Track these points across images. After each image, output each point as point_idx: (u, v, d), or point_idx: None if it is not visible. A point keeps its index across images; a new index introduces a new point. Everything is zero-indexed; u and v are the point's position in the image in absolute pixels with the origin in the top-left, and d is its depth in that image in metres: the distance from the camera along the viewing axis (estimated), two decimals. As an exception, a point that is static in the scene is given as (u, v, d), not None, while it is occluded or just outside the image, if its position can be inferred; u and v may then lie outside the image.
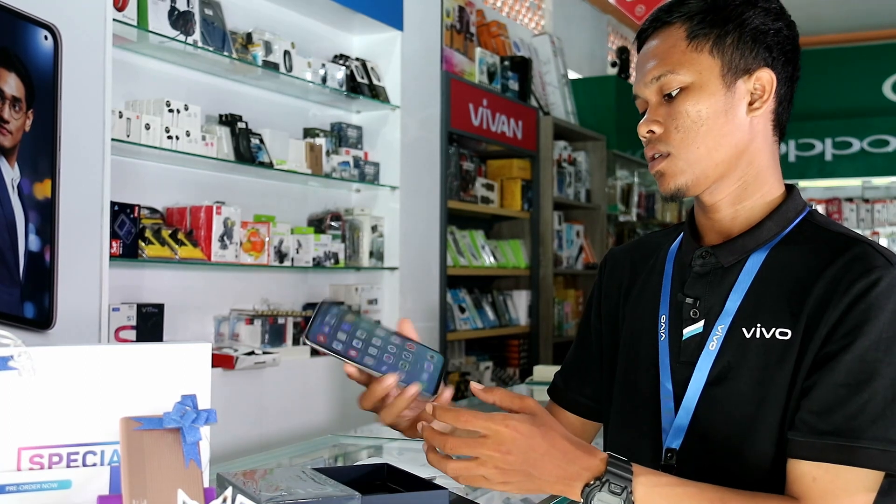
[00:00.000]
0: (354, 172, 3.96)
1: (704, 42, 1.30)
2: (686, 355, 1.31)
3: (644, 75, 1.33)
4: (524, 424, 1.12)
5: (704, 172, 1.29)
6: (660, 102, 1.31)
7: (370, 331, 1.29)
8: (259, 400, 3.32)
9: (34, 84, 2.55)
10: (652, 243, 1.49)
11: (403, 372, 1.25)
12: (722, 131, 1.29)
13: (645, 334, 1.38)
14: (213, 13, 3.29)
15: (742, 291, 1.29)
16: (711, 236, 1.36)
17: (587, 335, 1.53)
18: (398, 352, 1.27)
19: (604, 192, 6.32)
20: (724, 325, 1.28)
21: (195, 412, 1.02)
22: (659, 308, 1.37)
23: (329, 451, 2.44)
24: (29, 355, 1.02)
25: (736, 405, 1.25)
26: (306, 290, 3.95)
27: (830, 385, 1.18)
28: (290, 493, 1.09)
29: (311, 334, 1.27)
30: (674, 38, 1.31)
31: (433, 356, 1.29)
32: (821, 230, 1.31)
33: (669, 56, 1.30)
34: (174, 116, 3.11)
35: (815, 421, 1.18)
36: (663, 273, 1.40)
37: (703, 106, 1.28)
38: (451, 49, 4.94)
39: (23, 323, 2.55)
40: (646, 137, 1.33)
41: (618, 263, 1.51)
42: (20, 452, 1.02)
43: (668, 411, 1.30)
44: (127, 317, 2.98)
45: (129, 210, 2.93)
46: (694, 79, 1.29)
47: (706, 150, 1.29)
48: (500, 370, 5.39)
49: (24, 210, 2.56)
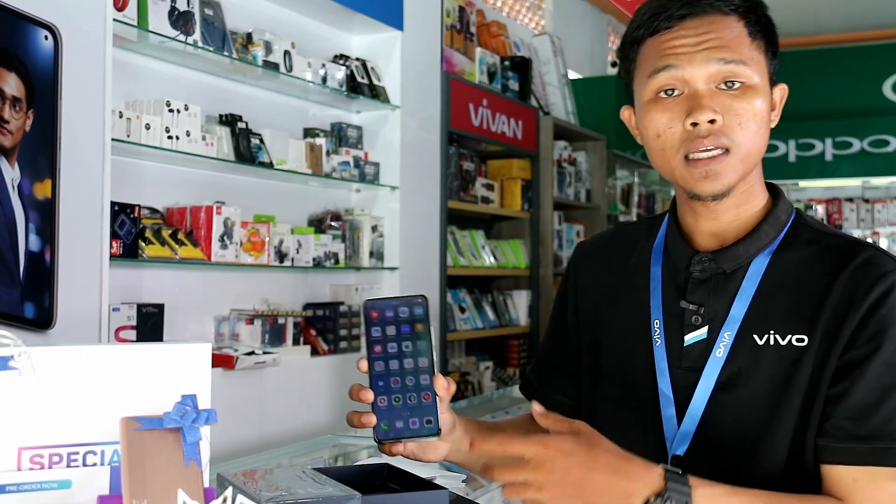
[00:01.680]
0: (354, 172, 3.96)
1: (761, 43, 1.27)
2: (689, 361, 1.30)
3: (702, 55, 1.22)
4: (565, 443, 1.11)
5: (746, 172, 1.26)
6: (715, 91, 1.23)
7: (414, 350, 1.21)
8: (259, 400, 3.32)
9: (34, 84, 2.55)
10: (626, 238, 1.45)
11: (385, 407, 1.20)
12: (766, 135, 1.27)
13: (636, 339, 1.35)
14: (213, 13, 3.29)
15: (748, 297, 1.28)
16: (704, 238, 1.33)
17: (563, 333, 1.49)
18: (405, 388, 1.21)
19: (604, 192, 6.32)
20: (731, 331, 1.27)
21: (195, 412, 1.02)
22: (650, 313, 1.34)
23: (329, 451, 2.44)
24: (29, 355, 1.02)
25: (749, 411, 1.25)
26: (306, 290, 3.95)
27: (863, 391, 1.19)
28: (290, 493, 1.09)
29: (375, 303, 1.21)
30: (735, 29, 1.24)
31: (431, 421, 1.21)
32: (816, 232, 1.31)
33: (738, 46, 1.23)
34: (174, 116, 3.11)
35: (851, 426, 1.19)
36: (649, 276, 1.37)
37: (764, 106, 1.25)
38: (451, 49, 4.94)
39: (23, 323, 2.55)
40: (705, 127, 1.22)
41: (591, 259, 1.47)
42: (20, 452, 1.01)
43: (670, 417, 1.29)
44: (127, 317, 2.98)
45: (130, 210, 2.93)
46: (759, 79, 1.25)
47: (757, 150, 1.26)
48: (500, 370, 5.39)
49: (25, 210, 2.56)
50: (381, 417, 1.20)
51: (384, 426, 1.20)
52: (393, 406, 1.20)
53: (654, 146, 1.28)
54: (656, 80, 1.26)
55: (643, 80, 1.28)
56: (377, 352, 1.21)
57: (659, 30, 1.27)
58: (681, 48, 1.24)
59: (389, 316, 1.21)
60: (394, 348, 1.21)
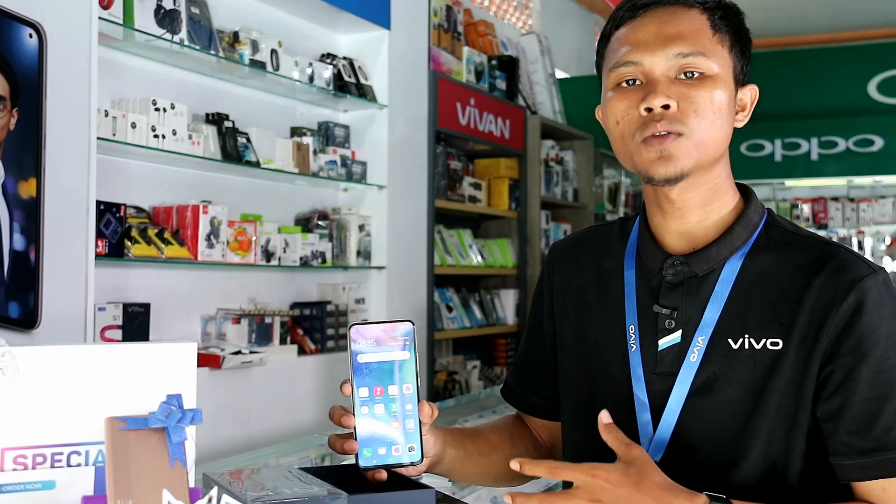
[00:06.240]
0: (342, 171, 3.96)
1: (724, 37, 1.27)
2: (664, 366, 1.29)
3: (660, 47, 1.24)
4: (614, 474, 1.12)
5: (703, 160, 1.25)
6: (672, 80, 1.24)
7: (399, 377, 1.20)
8: (246, 399, 3.31)
9: (19, 82, 2.54)
10: (599, 240, 1.44)
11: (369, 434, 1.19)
12: (725, 128, 1.27)
13: (610, 344, 1.35)
14: (199, 11, 3.28)
15: (721, 301, 1.27)
16: (674, 240, 1.32)
17: (539, 335, 1.49)
18: (389, 415, 1.20)
19: (591, 191, 6.34)
20: (704, 335, 1.27)
21: (181, 412, 1.02)
22: (625, 318, 1.33)
23: (316, 450, 2.44)
24: (13, 355, 1.01)
25: (725, 414, 1.25)
26: (293, 289, 3.94)
27: (858, 403, 1.19)
28: (276, 493, 1.09)
29: (361, 328, 1.20)
30: (697, 22, 1.26)
31: (414, 448, 1.20)
32: (788, 234, 1.31)
33: (698, 38, 1.25)
34: (160, 115, 3.10)
35: (856, 441, 1.19)
36: (623, 279, 1.36)
37: (724, 97, 1.25)
38: (438, 48, 4.94)
39: (7, 323, 2.54)
40: (658, 111, 1.23)
41: (563, 260, 1.47)
42: (3, 453, 1.01)
43: (646, 423, 1.28)
44: (113, 316, 2.97)
45: (115, 209, 2.92)
46: (719, 70, 1.25)
47: (713, 141, 1.25)
48: (487, 369, 5.39)
49: (9, 209, 2.54)
50: (364, 444, 1.19)
51: (367, 453, 1.19)
52: (376, 433, 1.20)
53: (615, 133, 1.29)
54: (617, 71, 1.28)
55: (607, 73, 1.31)
56: (361, 377, 1.20)
57: (624, 21, 1.30)
58: (641, 40, 1.26)
59: (375, 341, 1.20)
60: (379, 374, 1.20)
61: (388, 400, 1.20)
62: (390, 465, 1.20)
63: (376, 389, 1.20)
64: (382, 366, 1.20)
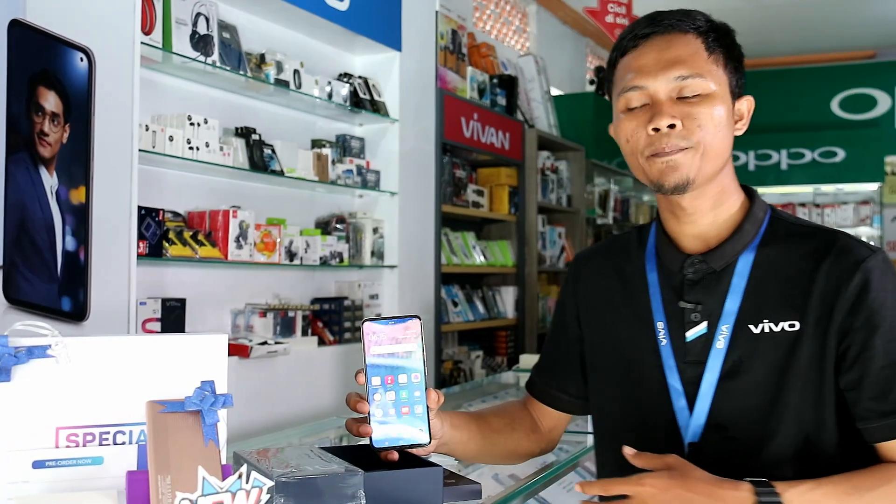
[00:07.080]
0: (357, 179, 3.96)
1: (719, 57, 1.28)
2: (693, 355, 1.29)
3: (661, 71, 1.26)
4: (661, 480, 1.13)
5: (709, 171, 1.27)
6: (675, 101, 1.26)
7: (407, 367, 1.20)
8: (271, 386, 3.32)
9: (71, 101, 2.55)
10: (619, 248, 1.45)
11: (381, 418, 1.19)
12: (726, 138, 1.28)
13: (641, 340, 1.35)
14: (230, 36, 3.29)
15: (739, 292, 1.28)
16: (690, 242, 1.34)
17: (564, 338, 1.49)
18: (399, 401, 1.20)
19: (583, 197, 6.33)
20: (728, 324, 1.28)
21: (213, 396, 1.02)
22: (653, 315, 1.34)
23: (335, 431, 2.44)
24: (65, 344, 1.02)
25: (753, 394, 1.25)
26: (314, 286, 3.95)
27: (876, 371, 1.21)
28: (299, 470, 1.09)
29: (373, 323, 1.20)
30: (693, 46, 1.27)
31: (423, 430, 1.21)
32: (792, 226, 1.33)
33: (695, 61, 1.26)
34: (195, 129, 3.10)
35: (876, 406, 1.21)
36: (647, 282, 1.37)
37: (723, 111, 1.26)
38: (444, 68, 4.94)
39: (60, 315, 2.55)
40: (665, 131, 1.25)
41: (589, 268, 1.47)
42: (58, 431, 1.02)
43: (682, 409, 1.29)
44: (153, 310, 2.98)
45: (155, 214, 2.93)
46: (716, 88, 1.26)
47: (716, 151, 1.26)
48: (489, 359, 5.39)
49: (62, 214, 2.56)
50: (377, 428, 1.20)
51: (380, 435, 1.20)
52: (388, 417, 1.20)
53: (627, 150, 1.31)
54: (625, 96, 1.30)
55: (616, 97, 1.32)
56: (374, 367, 1.20)
57: (628, 49, 1.31)
58: (644, 66, 1.27)
59: (385, 334, 1.21)
60: (389, 365, 1.20)
61: (398, 387, 1.20)
62: (401, 446, 1.21)
63: (387, 378, 1.20)
64: (393, 357, 1.21)
